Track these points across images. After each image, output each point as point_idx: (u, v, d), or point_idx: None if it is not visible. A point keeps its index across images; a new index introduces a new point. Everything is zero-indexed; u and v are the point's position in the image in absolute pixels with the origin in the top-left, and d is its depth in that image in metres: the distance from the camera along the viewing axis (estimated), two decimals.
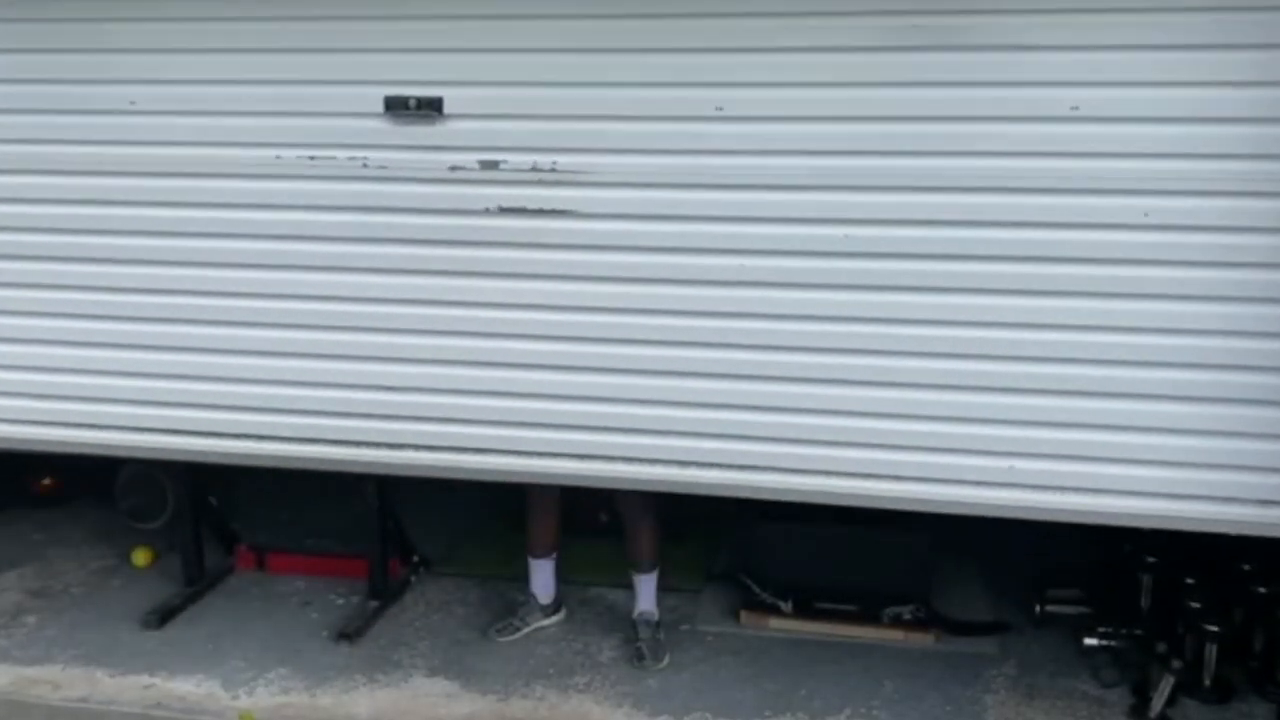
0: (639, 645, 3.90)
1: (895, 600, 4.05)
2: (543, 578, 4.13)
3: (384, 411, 3.68)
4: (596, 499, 4.71)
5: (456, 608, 4.31)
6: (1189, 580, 3.76)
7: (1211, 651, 3.60)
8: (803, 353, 3.40)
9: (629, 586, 4.06)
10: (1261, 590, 3.67)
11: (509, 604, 4.23)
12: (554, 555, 4.13)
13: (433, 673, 3.86)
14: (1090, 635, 3.86)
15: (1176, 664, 3.54)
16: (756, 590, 4.16)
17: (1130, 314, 3.19)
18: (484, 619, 4.19)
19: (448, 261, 3.55)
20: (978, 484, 3.37)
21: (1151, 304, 3.18)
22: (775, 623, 4.09)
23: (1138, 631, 3.85)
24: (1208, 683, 3.63)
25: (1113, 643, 3.84)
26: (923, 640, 3.99)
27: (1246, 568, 3.77)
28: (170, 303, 3.75)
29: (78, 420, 3.90)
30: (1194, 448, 3.23)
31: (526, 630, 4.07)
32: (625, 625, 4.05)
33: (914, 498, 3.43)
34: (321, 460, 3.77)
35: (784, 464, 3.48)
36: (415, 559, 4.53)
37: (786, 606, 4.09)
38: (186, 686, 3.77)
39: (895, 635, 4.00)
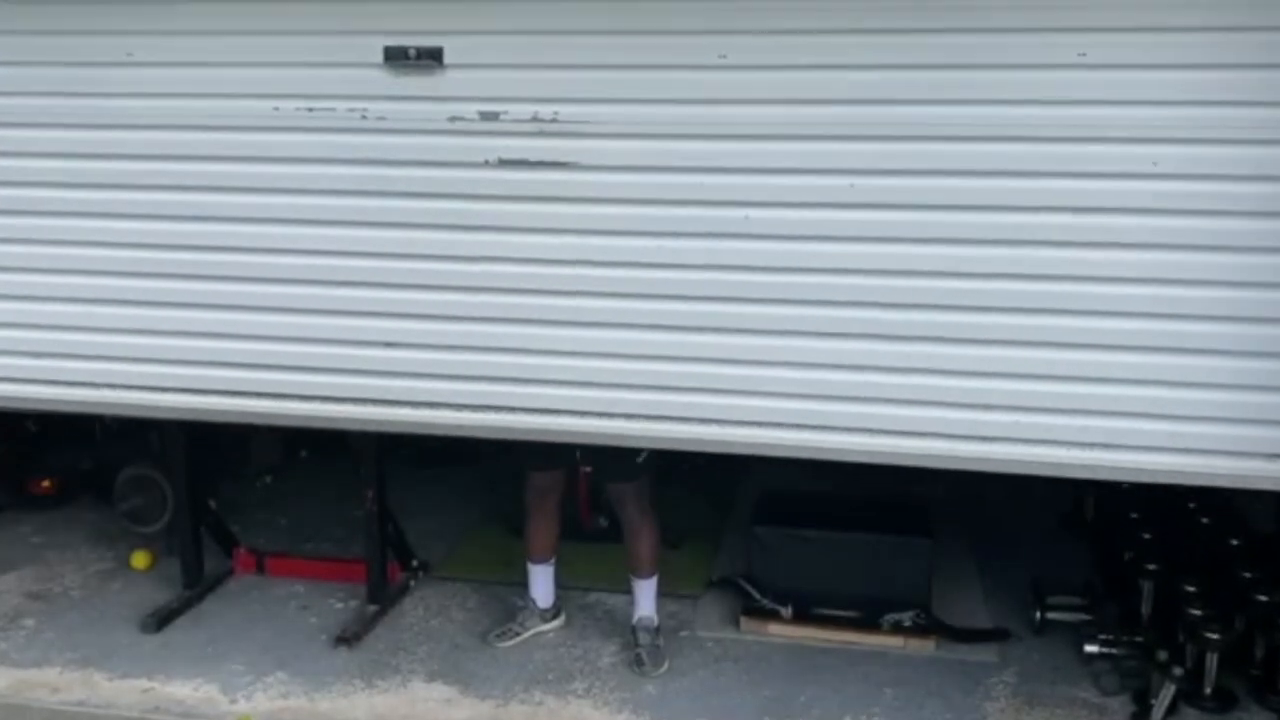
0: (638, 651, 3.88)
1: (896, 606, 4.04)
2: (542, 582, 4.11)
3: (383, 368, 3.63)
4: (596, 503, 4.73)
5: (455, 612, 4.30)
6: (1190, 588, 3.75)
7: (1213, 660, 3.59)
8: (808, 306, 3.34)
9: (628, 592, 4.04)
10: (1263, 599, 3.65)
11: (508, 609, 4.22)
12: (553, 560, 4.12)
13: (431, 678, 3.84)
14: (1091, 643, 3.85)
15: (1178, 672, 3.53)
16: (756, 596, 4.15)
17: (1138, 264, 3.14)
18: (483, 624, 4.17)
19: (447, 215, 3.49)
20: (983, 439, 3.32)
21: (1159, 254, 3.12)
22: (775, 629, 4.08)
23: (1139, 639, 3.84)
24: (1209, 691, 3.62)
25: (1114, 650, 3.83)
26: (923, 647, 3.98)
27: (1248, 576, 3.76)
28: (166, 259, 3.70)
29: (71, 378, 3.84)
30: (1202, 401, 3.18)
31: (525, 635, 4.06)
32: (624, 631, 4.04)
33: (918, 453, 3.37)
34: (319, 418, 3.71)
35: (789, 420, 3.42)
36: (414, 563, 4.52)
37: (786, 612, 4.08)
38: (185, 690, 3.75)
39: (895, 642, 3.99)
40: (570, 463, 3.99)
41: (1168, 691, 3.50)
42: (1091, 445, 3.27)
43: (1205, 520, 4.22)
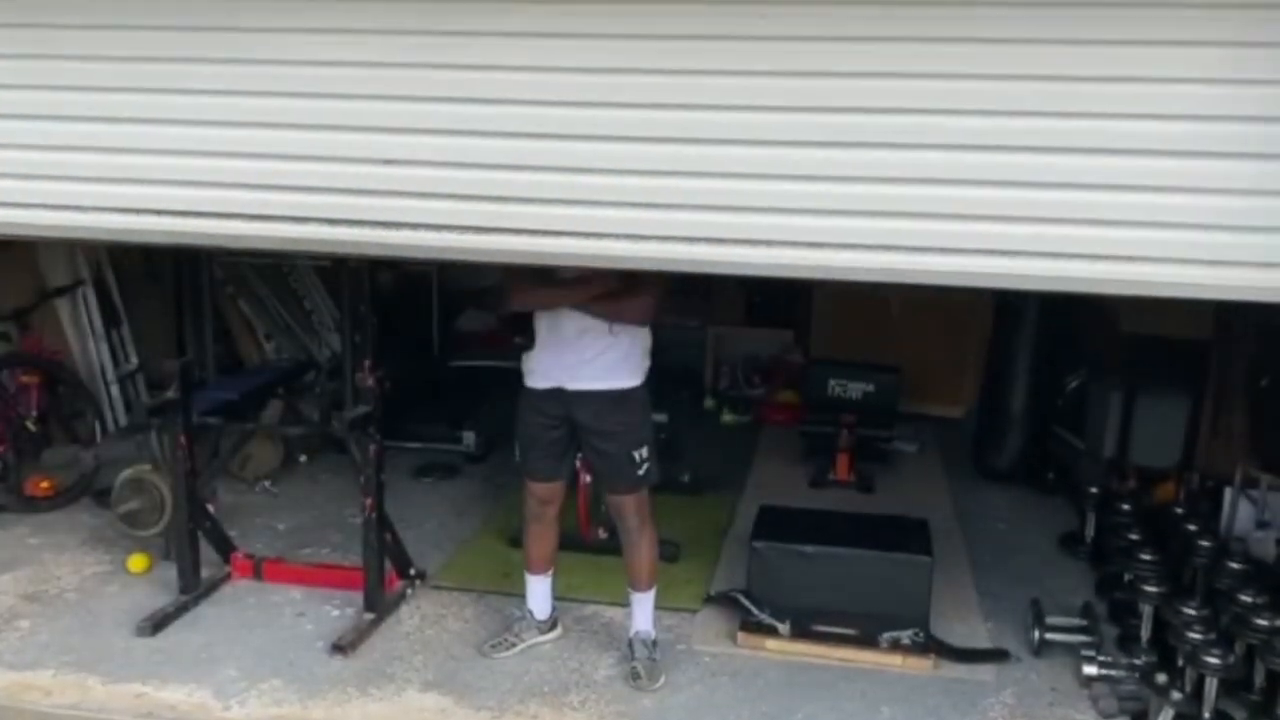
0: (635, 665, 3.86)
1: (894, 624, 4.02)
2: (539, 594, 4.10)
3: (381, 186, 3.39)
4: (595, 515, 4.72)
5: (452, 622, 4.28)
6: (1190, 612, 3.73)
7: (1212, 684, 3.57)
8: (825, 113, 3.10)
9: (626, 605, 4.03)
10: (1263, 623, 3.64)
11: (505, 620, 4.20)
12: (551, 571, 4.10)
13: (426, 687, 3.82)
14: (1090, 664, 3.84)
15: (1176, 696, 3.51)
16: (754, 611, 4.13)
17: (1147, 60, 2.92)
18: (479, 634, 4.15)
19: (441, 18, 3.24)
20: (1003, 254, 3.07)
21: (1171, 50, 2.90)
22: (772, 645, 4.06)
23: (1138, 662, 3.83)
24: (1208, 716, 3.59)
25: (1113, 673, 3.82)
26: (921, 666, 3.96)
27: (1248, 600, 3.75)
28: (151, 71, 3.45)
29: (58, 201, 3.60)
30: (1227, 207, 2.95)
31: (522, 647, 4.04)
32: (621, 644, 4.02)
33: (931, 270, 3.12)
34: (313, 240, 3.47)
35: (800, 238, 3.16)
36: (412, 572, 4.51)
37: (784, 629, 4.06)
38: (178, 696, 3.73)
39: (894, 660, 3.97)
40: (571, 474, 3.99)
41: (1166, 715, 3.49)
42: (1115, 258, 3.05)
43: (1206, 543, 4.20)
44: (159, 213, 3.56)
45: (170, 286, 4.31)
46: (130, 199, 3.57)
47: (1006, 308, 5.95)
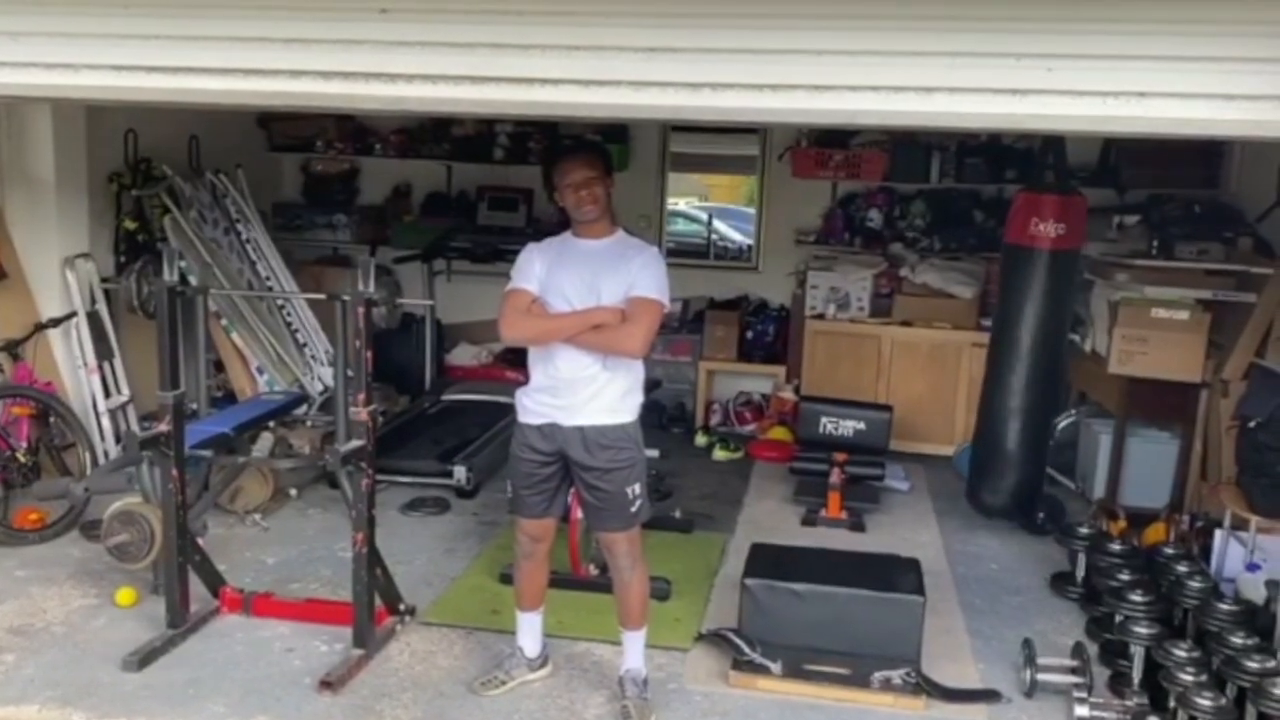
0: (625, 703, 3.84)
1: (886, 664, 4.01)
2: (530, 631, 4.08)
3: (379, 37, 3.28)
4: (587, 552, 4.71)
5: (441, 659, 4.26)
6: (1181, 653, 3.73)
7: None
8: None
9: (617, 643, 4.01)
10: (1253, 665, 3.64)
11: (495, 657, 4.18)
12: (541, 608, 4.08)
13: None
14: (1081, 705, 3.83)
15: None
16: (746, 650, 4.11)
17: None
18: (469, 671, 4.13)
19: None
20: (1013, 92, 2.99)
21: None
22: (764, 684, 4.04)
23: (1129, 703, 3.82)
24: None
25: (1104, 714, 3.81)
26: (912, 706, 3.94)
27: (1239, 641, 3.75)
28: None
29: (47, 60, 3.49)
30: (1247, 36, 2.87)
31: (512, 684, 4.01)
32: (612, 682, 4.00)
33: (944, 112, 3.04)
34: (310, 95, 3.37)
35: (803, 80, 3.06)
36: (402, 608, 4.48)
37: (776, 668, 4.05)
38: None
39: (885, 700, 3.96)
40: (563, 511, 3.98)
41: None
42: (1124, 94, 2.94)
43: (1196, 585, 4.21)
44: (150, 70, 3.46)
45: (164, 319, 4.30)
46: (122, 57, 3.47)
47: (999, 345, 5.90)
